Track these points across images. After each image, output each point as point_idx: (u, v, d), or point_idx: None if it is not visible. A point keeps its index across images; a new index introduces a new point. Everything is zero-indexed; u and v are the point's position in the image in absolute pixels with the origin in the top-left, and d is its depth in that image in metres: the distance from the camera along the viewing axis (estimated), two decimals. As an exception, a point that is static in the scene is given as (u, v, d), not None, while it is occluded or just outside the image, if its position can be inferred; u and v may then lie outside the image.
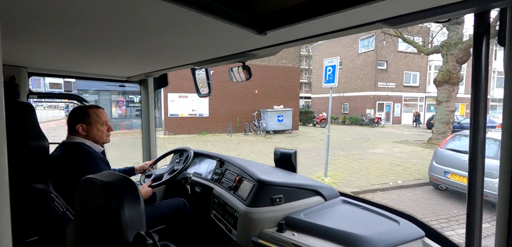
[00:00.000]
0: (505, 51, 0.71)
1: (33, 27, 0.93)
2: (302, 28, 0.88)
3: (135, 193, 0.78)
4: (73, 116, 1.54)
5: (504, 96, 0.73)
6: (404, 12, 0.77)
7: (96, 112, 1.58)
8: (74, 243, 0.91)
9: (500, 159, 0.73)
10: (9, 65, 1.65)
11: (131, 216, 0.75)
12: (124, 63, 1.65)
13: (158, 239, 0.73)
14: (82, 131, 1.53)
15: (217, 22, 0.82)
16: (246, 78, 1.54)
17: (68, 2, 0.71)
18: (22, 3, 0.72)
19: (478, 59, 0.73)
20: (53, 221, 1.23)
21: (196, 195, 2.06)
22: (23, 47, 1.25)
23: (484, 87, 0.73)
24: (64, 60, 1.55)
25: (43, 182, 1.24)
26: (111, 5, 0.73)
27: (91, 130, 1.54)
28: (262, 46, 1.19)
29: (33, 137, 1.20)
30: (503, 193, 0.73)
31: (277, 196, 1.49)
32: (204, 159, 2.31)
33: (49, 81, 20.07)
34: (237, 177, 1.76)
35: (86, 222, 0.84)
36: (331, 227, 1.29)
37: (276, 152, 2.03)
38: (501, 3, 0.68)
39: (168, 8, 0.72)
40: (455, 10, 0.71)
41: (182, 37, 1.05)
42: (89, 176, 0.83)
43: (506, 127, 0.72)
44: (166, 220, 1.80)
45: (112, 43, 1.14)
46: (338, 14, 0.74)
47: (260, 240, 1.38)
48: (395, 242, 1.19)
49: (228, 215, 1.65)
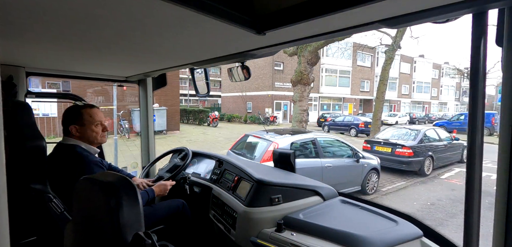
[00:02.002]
0: (503, 52, 0.70)
1: (31, 27, 0.91)
2: (301, 28, 0.88)
3: (134, 193, 0.77)
4: (66, 117, 1.47)
5: (502, 97, 0.72)
6: (402, 12, 0.76)
7: (90, 112, 1.50)
8: (72, 243, 0.89)
9: (498, 159, 0.73)
10: (7, 65, 1.62)
11: (130, 216, 0.74)
12: (122, 63, 1.62)
13: (156, 239, 0.73)
14: (76, 132, 1.46)
15: (216, 22, 0.81)
16: (245, 78, 1.54)
17: (67, 2, 0.70)
18: (20, 2, 0.71)
19: (476, 60, 0.72)
20: (51, 222, 1.21)
21: (195, 195, 2.05)
22: (21, 47, 1.22)
23: (482, 88, 0.73)
24: (63, 60, 1.53)
25: (40, 183, 1.22)
26: (110, 4, 0.72)
27: (85, 132, 1.48)
28: (261, 46, 1.19)
29: (30, 137, 1.18)
30: (501, 192, 0.73)
31: (275, 196, 1.49)
32: (203, 159, 2.30)
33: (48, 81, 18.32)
34: (236, 177, 1.75)
35: (84, 222, 0.83)
36: (330, 227, 1.29)
37: (275, 153, 2.03)
38: (499, 4, 0.68)
39: (167, 7, 0.71)
40: (453, 11, 0.71)
41: (181, 37, 1.03)
42: (88, 176, 0.82)
43: (504, 127, 0.72)
44: (165, 221, 1.79)
45: (111, 43, 1.12)
46: (337, 14, 0.74)
47: (258, 240, 1.37)
48: (393, 242, 1.19)
49: (227, 215, 1.64)
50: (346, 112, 27.60)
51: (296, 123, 11.36)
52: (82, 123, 1.47)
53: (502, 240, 0.74)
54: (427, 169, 7.78)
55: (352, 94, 28.52)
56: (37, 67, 1.76)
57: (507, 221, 0.72)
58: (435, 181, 7.36)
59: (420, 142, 7.82)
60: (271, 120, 22.38)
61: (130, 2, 0.71)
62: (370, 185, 6.03)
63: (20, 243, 1.24)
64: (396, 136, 8.57)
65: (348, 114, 22.71)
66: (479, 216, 0.77)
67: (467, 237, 0.78)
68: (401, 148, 7.56)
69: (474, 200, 0.76)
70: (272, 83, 23.94)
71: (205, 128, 18.89)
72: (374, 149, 8.19)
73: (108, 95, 12.86)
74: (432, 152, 7.94)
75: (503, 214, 0.73)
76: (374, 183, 6.14)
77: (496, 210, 0.75)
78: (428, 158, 7.81)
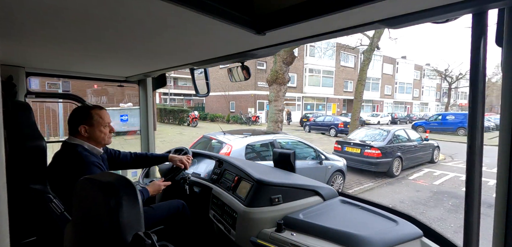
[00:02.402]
0: (503, 52, 0.70)
1: (31, 27, 0.91)
2: (300, 28, 0.88)
3: (134, 193, 0.77)
4: (75, 117, 1.48)
5: (502, 97, 0.72)
6: (402, 12, 0.76)
7: (99, 114, 1.53)
8: (72, 243, 0.90)
9: (498, 159, 0.73)
10: (7, 65, 1.62)
11: (129, 216, 0.75)
12: (122, 63, 1.63)
13: (156, 239, 0.73)
14: (85, 133, 1.48)
15: (216, 22, 0.81)
16: (245, 78, 1.54)
17: (66, 2, 0.70)
18: (20, 2, 0.71)
19: (476, 60, 0.72)
20: (51, 222, 1.21)
21: (195, 195, 2.05)
22: (21, 47, 1.22)
23: (482, 88, 0.72)
24: (63, 60, 1.53)
25: (40, 183, 1.23)
26: (110, 4, 0.72)
27: (94, 132, 1.50)
28: (261, 46, 1.18)
29: (30, 137, 1.19)
30: (501, 192, 0.73)
31: (275, 196, 1.48)
32: (203, 159, 2.29)
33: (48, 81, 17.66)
34: (236, 177, 1.75)
35: (84, 222, 0.83)
36: (330, 227, 1.28)
37: (275, 153, 2.02)
38: (499, 4, 0.68)
39: (167, 8, 0.71)
40: (453, 11, 0.71)
41: (181, 37, 1.04)
42: (87, 177, 0.83)
43: (504, 127, 0.72)
44: (164, 221, 1.79)
45: (111, 43, 1.13)
46: (337, 14, 0.73)
47: (258, 240, 1.37)
48: (393, 241, 1.19)
49: (227, 215, 1.64)
50: (330, 112, 27.83)
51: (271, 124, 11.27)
52: (91, 123, 1.49)
53: (502, 240, 0.74)
54: (395, 170, 7.75)
55: (335, 94, 28.73)
56: (37, 67, 1.76)
57: (507, 221, 0.72)
58: (403, 182, 7.33)
59: (389, 142, 7.78)
60: (253, 119, 22.36)
61: (130, 2, 0.71)
62: (334, 187, 5.92)
63: (20, 243, 1.24)
64: (367, 136, 8.53)
65: (329, 115, 22.79)
66: (479, 216, 0.77)
67: (467, 237, 0.78)
68: (369, 149, 7.49)
69: (474, 200, 0.75)
70: (255, 83, 23.81)
71: (183, 128, 18.46)
72: (344, 150, 8.11)
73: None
74: (401, 152, 7.92)
75: (503, 214, 0.73)
76: (339, 185, 6.02)
77: (496, 210, 0.75)
78: (397, 158, 7.78)
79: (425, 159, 9.19)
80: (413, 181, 7.49)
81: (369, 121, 25.82)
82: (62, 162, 1.43)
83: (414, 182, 7.40)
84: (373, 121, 25.86)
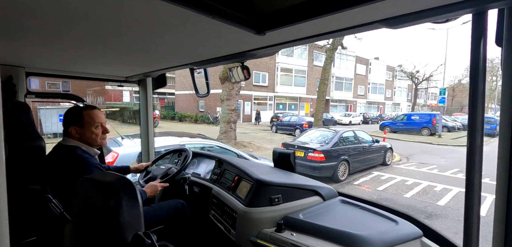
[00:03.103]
0: (503, 52, 0.71)
1: (31, 27, 0.92)
2: (300, 28, 0.88)
3: (133, 193, 0.78)
4: (66, 118, 1.47)
5: (502, 97, 0.73)
6: (402, 12, 0.77)
7: (90, 114, 1.50)
8: (72, 243, 0.90)
9: (498, 159, 0.73)
10: (7, 65, 1.63)
11: (129, 216, 0.75)
12: (122, 63, 1.64)
13: (156, 239, 0.73)
14: (76, 134, 1.46)
15: (215, 22, 0.82)
16: (245, 78, 1.56)
17: (66, 2, 0.71)
18: (20, 2, 0.72)
19: (476, 60, 0.72)
20: (51, 222, 1.22)
21: (195, 195, 2.06)
22: (21, 47, 1.23)
23: (482, 88, 0.72)
24: (63, 60, 1.54)
25: (40, 183, 1.23)
26: (110, 4, 0.73)
27: (85, 133, 1.48)
28: (261, 46, 1.19)
29: (29, 137, 1.19)
30: (501, 192, 0.73)
31: (275, 196, 1.49)
32: (203, 159, 2.30)
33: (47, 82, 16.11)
34: (236, 177, 1.76)
35: (84, 222, 0.84)
36: (330, 227, 1.29)
37: (275, 152, 2.01)
38: (499, 4, 0.68)
39: (167, 7, 0.71)
40: (453, 11, 0.71)
41: (181, 37, 1.04)
42: (87, 177, 0.83)
43: (504, 127, 0.72)
44: (164, 221, 1.79)
45: (111, 43, 1.13)
46: (337, 14, 0.74)
47: (258, 240, 1.38)
48: (393, 241, 1.19)
49: (226, 215, 1.64)
50: (303, 112, 27.64)
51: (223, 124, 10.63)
52: (82, 124, 1.47)
53: (502, 240, 0.74)
54: (341, 174, 7.23)
55: (308, 94, 28.34)
56: (36, 67, 1.77)
57: (507, 221, 0.73)
58: (346, 188, 6.84)
59: (334, 145, 7.30)
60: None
61: (130, 2, 0.72)
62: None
63: (20, 243, 1.24)
64: (315, 138, 8.02)
65: (296, 114, 22.40)
66: (479, 216, 0.76)
67: (467, 237, 0.78)
68: (313, 152, 6.96)
69: (474, 200, 0.75)
70: (224, 81, 23.04)
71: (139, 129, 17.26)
72: (290, 153, 7.57)
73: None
74: (347, 156, 7.47)
75: (503, 214, 0.73)
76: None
77: (496, 210, 0.75)
78: (343, 162, 7.30)
79: (377, 161, 8.76)
80: (357, 186, 6.99)
81: (341, 121, 25.89)
82: (61, 164, 1.41)
83: (358, 187, 6.93)
84: (345, 121, 25.96)
